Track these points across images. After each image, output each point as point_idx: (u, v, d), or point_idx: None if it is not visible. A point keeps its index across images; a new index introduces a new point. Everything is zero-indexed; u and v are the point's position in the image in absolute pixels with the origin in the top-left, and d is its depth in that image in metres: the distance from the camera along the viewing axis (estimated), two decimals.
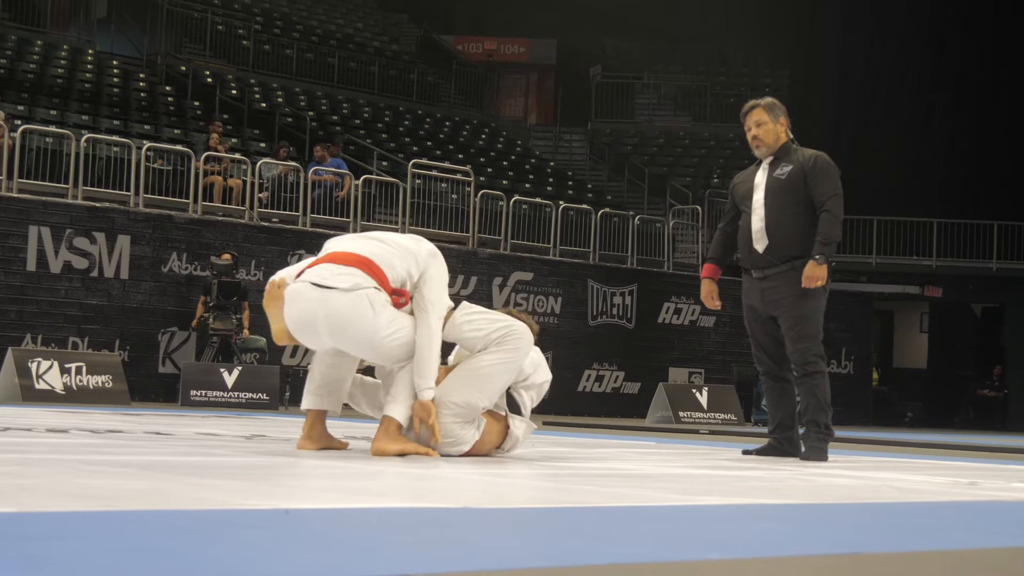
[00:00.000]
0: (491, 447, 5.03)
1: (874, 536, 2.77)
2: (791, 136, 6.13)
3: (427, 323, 4.73)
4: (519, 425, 5.08)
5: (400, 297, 4.74)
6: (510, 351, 4.88)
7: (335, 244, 4.91)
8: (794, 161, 5.98)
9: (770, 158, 6.06)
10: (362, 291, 4.58)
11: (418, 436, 4.87)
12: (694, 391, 15.43)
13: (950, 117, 24.64)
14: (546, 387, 5.25)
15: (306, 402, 4.96)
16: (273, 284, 4.88)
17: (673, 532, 2.67)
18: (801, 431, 6.03)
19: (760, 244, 5.94)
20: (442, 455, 4.83)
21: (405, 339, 4.69)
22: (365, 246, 4.79)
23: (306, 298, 4.63)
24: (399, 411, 4.75)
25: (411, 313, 4.78)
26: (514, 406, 5.08)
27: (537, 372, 5.15)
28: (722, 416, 14.98)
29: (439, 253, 4.96)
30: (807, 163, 5.94)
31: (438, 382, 4.83)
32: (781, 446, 6.04)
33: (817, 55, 26.27)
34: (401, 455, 4.68)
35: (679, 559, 2.17)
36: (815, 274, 5.78)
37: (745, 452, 6.20)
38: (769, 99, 6.19)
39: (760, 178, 6.04)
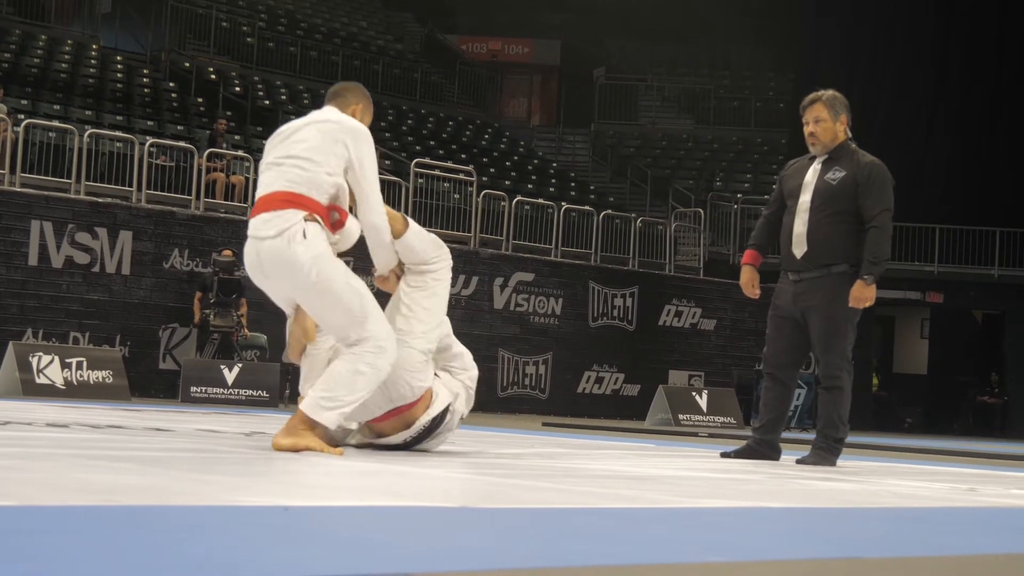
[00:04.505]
0: (417, 415, 4.94)
1: (872, 541, 2.78)
2: (850, 135, 5.91)
3: (372, 224, 4.76)
4: (444, 394, 5.00)
5: (335, 212, 4.66)
6: (441, 280, 5.07)
7: (261, 178, 4.77)
8: (848, 166, 5.77)
9: (824, 156, 5.85)
10: (288, 231, 4.53)
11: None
12: (694, 394, 15.43)
13: (953, 122, 24.62)
14: (473, 386, 5.22)
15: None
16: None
17: (672, 534, 2.67)
18: (802, 435, 6.00)
19: (799, 249, 5.79)
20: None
21: (341, 277, 4.59)
22: (286, 172, 4.64)
23: (249, 252, 4.70)
24: (316, 412, 4.56)
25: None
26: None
27: (468, 363, 5.17)
28: (721, 419, 14.97)
29: (358, 131, 4.77)
30: (861, 172, 5.75)
31: None
32: (760, 449, 5.95)
33: (820, 59, 26.26)
34: (295, 450, 4.49)
35: (678, 561, 2.17)
36: (863, 295, 5.63)
37: (724, 455, 6.12)
38: (831, 92, 5.93)
39: (811, 177, 5.83)
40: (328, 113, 4.89)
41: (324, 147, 4.68)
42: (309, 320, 4.75)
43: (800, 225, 5.80)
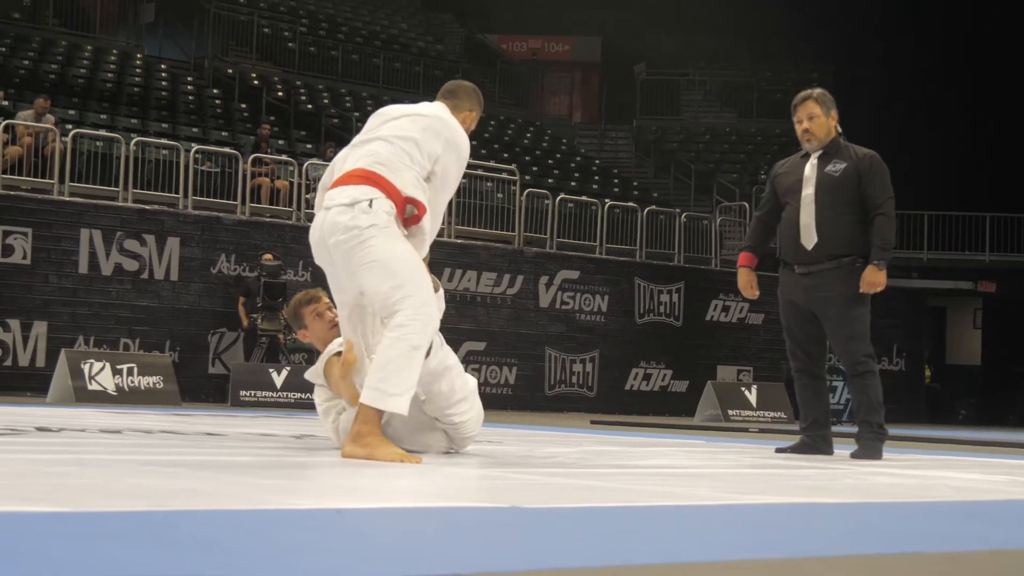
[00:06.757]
0: None
1: (931, 535, 2.74)
2: (840, 130, 6.01)
3: (421, 230, 4.57)
4: None
5: (411, 206, 4.49)
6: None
7: (346, 158, 4.66)
8: (847, 158, 5.87)
9: (819, 152, 5.93)
10: (360, 203, 4.40)
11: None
12: (743, 389, 15.34)
13: (997, 109, 24.35)
14: None
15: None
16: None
17: (727, 531, 2.65)
18: (854, 429, 5.97)
19: (809, 241, 5.85)
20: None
21: (391, 245, 4.40)
22: (376, 154, 4.53)
23: (315, 225, 4.58)
24: (392, 402, 4.30)
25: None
26: None
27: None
28: (772, 414, 14.87)
29: (459, 142, 4.66)
30: (862, 162, 5.84)
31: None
32: (815, 444, 5.98)
33: (861, 49, 26.05)
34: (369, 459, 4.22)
35: (734, 558, 2.15)
36: (876, 279, 5.71)
37: (778, 450, 6.15)
38: (820, 90, 6.04)
39: (809, 172, 5.91)
40: (438, 109, 4.74)
41: (422, 143, 4.57)
42: (349, 355, 4.64)
43: (807, 216, 5.87)
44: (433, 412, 4.82)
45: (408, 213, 4.51)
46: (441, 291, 4.90)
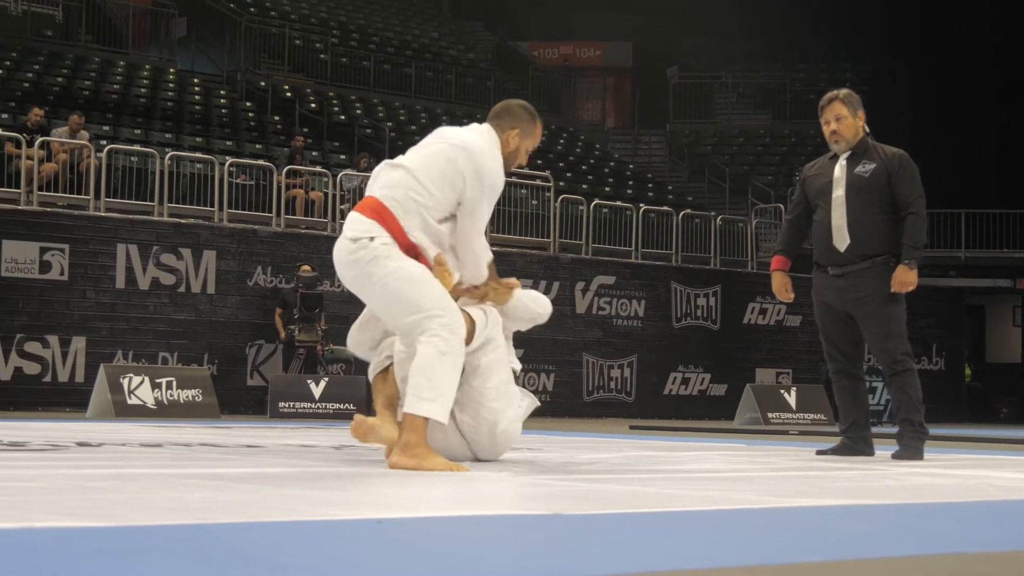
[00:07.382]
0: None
1: (975, 536, 2.71)
2: (868, 130, 5.99)
3: (471, 251, 4.66)
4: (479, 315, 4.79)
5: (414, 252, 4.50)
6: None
7: (378, 175, 4.73)
8: (876, 158, 5.85)
9: (848, 153, 5.91)
10: (362, 239, 4.47)
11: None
12: (782, 392, 15.25)
13: None
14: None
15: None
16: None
17: (769, 535, 2.63)
18: (895, 430, 5.94)
19: (841, 242, 5.83)
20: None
21: (396, 274, 4.43)
22: (395, 190, 4.55)
23: (335, 247, 4.67)
24: (425, 407, 4.31)
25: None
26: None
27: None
28: (812, 416, 14.78)
29: (483, 174, 4.59)
30: (891, 162, 5.82)
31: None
32: (856, 445, 5.96)
33: (895, 48, 25.89)
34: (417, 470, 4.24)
35: (776, 562, 2.14)
36: (907, 279, 5.70)
37: (819, 452, 6.13)
38: (846, 91, 6.02)
39: (839, 173, 5.89)
40: (472, 139, 4.68)
41: (443, 180, 4.56)
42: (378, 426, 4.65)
43: (839, 218, 5.86)
44: (468, 395, 4.69)
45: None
46: (538, 297, 5.17)
